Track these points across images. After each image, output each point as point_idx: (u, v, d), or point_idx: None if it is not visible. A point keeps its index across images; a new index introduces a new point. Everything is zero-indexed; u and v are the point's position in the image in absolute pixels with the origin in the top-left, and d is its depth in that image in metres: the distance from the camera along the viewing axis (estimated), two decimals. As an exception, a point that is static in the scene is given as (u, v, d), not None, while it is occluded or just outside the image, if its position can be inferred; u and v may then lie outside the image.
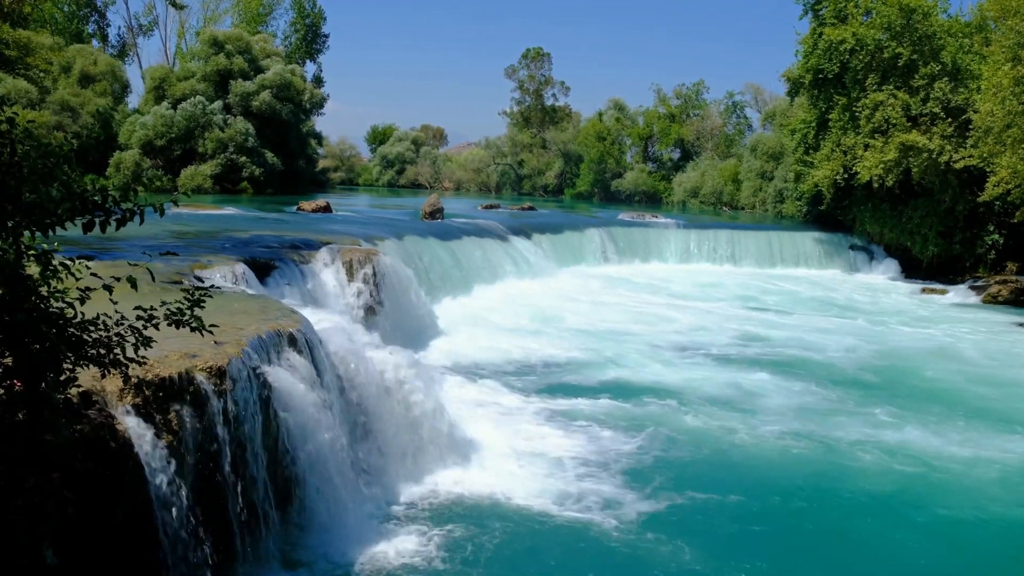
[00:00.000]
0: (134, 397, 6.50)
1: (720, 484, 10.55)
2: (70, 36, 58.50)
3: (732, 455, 11.76)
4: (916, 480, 10.99)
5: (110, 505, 6.06)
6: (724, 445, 12.11)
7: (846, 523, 9.72)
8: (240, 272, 13.54)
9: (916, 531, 9.53)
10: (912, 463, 11.51)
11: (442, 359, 16.09)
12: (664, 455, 11.51)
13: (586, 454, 11.34)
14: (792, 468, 11.33)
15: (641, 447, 11.75)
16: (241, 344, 7.94)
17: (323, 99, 60.27)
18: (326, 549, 8.18)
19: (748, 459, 11.62)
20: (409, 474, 10.06)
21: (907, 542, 9.27)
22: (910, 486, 10.82)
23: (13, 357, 4.66)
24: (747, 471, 11.15)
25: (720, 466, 11.32)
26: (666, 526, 9.22)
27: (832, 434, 12.61)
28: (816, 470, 11.28)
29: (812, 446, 12.14)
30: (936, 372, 17.24)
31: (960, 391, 15.81)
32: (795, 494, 10.46)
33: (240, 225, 22.90)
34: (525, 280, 25.95)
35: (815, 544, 9.29)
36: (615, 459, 11.22)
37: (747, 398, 14.56)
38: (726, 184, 58.24)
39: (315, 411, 8.43)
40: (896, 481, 10.97)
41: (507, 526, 9.08)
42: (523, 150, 76.80)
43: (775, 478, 10.95)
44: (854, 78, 32.91)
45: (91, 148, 45.53)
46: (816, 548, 9.19)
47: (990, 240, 31.85)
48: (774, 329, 21.15)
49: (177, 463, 6.64)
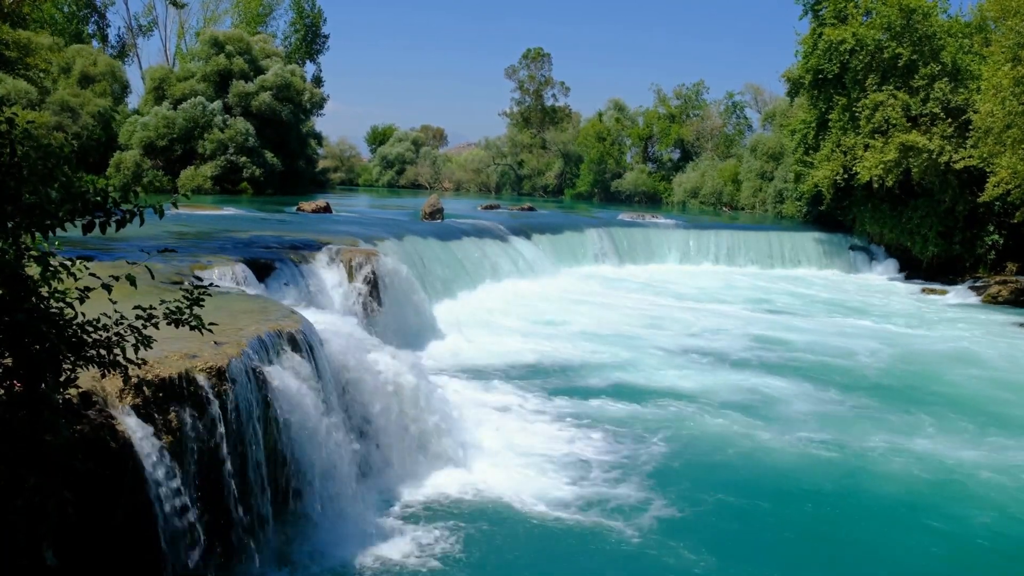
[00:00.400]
0: (134, 397, 6.50)
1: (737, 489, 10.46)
2: (70, 36, 58.46)
3: (752, 459, 11.54)
4: (939, 487, 10.75)
5: (110, 505, 6.06)
6: (742, 450, 11.90)
7: (867, 530, 9.56)
8: (240, 272, 13.54)
9: (939, 538, 9.36)
10: (934, 469, 11.28)
11: (442, 360, 16.07)
12: (673, 458, 11.35)
13: (591, 456, 11.26)
14: (810, 473, 11.13)
15: (649, 450, 11.62)
16: (241, 344, 7.93)
17: (323, 99, 60.28)
18: (326, 549, 8.17)
19: (767, 464, 11.42)
20: (409, 474, 10.05)
21: (930, 549, 9.10)
22: (933, 493, 10.58)
23: (13, 357, 4.66)
24: (767, 476, 10.96)
25: (735, 471, 11.14)
26: (677, 532, 9.10)
27: (851, 440, 12.35)
28: (835, 475, 11.07)
29: (831, 451, 11.89)
30: (953, 376, 17.00)
31: (978, 395, 15.57)
32: (813, 499, 10.32)
33: (240, 225, 22.89)
34: (525, 280, 25.94)
35: (834, 551, 9.12)
36: (622, 462, 11.10)
37: (762, 402, 14.35)
38: (726, 184, 58.25)
39: (315, 411, 8.42)
40: (919, 488, 10.72)
41: (508, 528, 9.06)
42: (523, 150, 76.81)
43: (793, 483, 10.79)
44: (854, 78, 32.91)
45: (91, 149, 45.52)
46: (837, 555, 9.01)
47: (990, 240, 31.85)
48: (785, 331, 21.03)
49: (177, 463, 6.64)
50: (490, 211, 41.39)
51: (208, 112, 48.77)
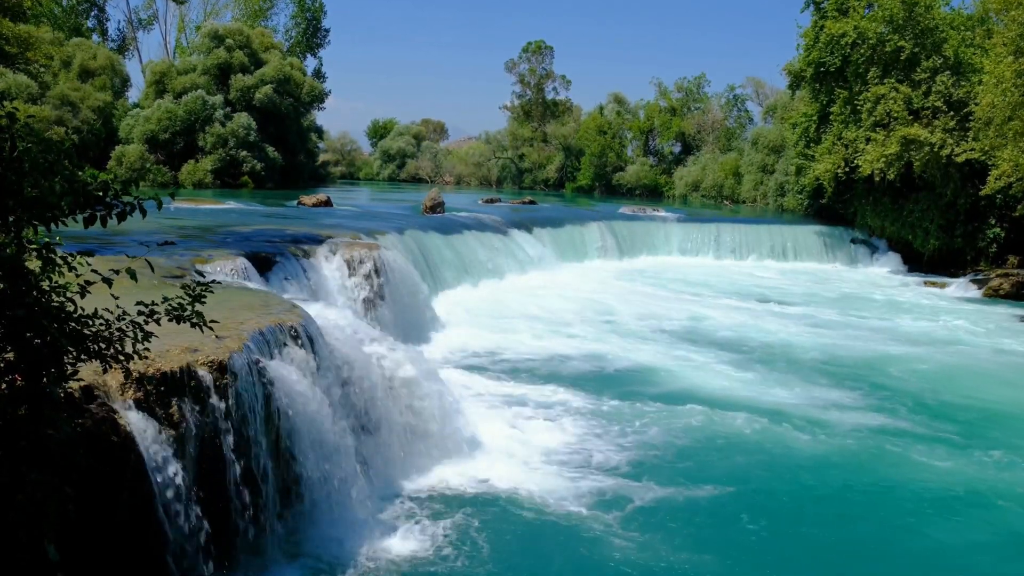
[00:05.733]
0: (135, 392, 6.49)
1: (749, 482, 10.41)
2: (69, 31, 58.35)
3: (769, 455, 11.47)
4: (976, 492, 10.54)
5: (112, 500, 6.06)
6: (756, 445, 11.82)
7: (898, 532, 9.42)
8: (241, 266, 13.53)
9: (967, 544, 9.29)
10: (969, 476, 11.09)
11: (444, 353, 16.07)
12: (685, 456, 11.25)
13: (597, 451, 11.21)
14: (827, 472, 11.00)
15: (656, 446, 11.55)
16: (242, 338, 7.92)
17: (324, 93, 60.17)
18: (329, 543, 8.17)
19: (782, 457, 11.39)
20: (412, 467, 10.05)
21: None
22: (968, 498, 10.39)
23: (14, 352, 4.65)
24: (783, 473, 10.88)
25: (751, 467, 11.03)
26: (679, 532, 9.07)
27: (886, 445, 12.03)
28: (870, 481, 10.82)
29: (865, 454, 11.64)
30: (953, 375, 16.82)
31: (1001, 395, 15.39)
32: (830, 499, 10.25)
33: (241, 219, 22.89)
34: (526, 274, 25.96)
35: (867, 553, 8.96)
36: (629, 457, 11.01)
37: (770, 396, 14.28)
38: (727, 178, 58.15)
39: (317, 405, 8.42)
40: (954, 493, 10.52)
41: (511, 521, 9.05)
42: (524, 144, 76.64)
43: (807, 479, 10.71)
44: (856, 71, 32.83)
45: (91, 143, 45.44)
46: (870, 557, 8.88)
47: (991, 234, 31.79)
48: (787, 328, 21.09)
49: (179, 457, 6.64)
50: (491, 205, 41.35)
51: (209, 106, 48.69)
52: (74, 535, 5.40)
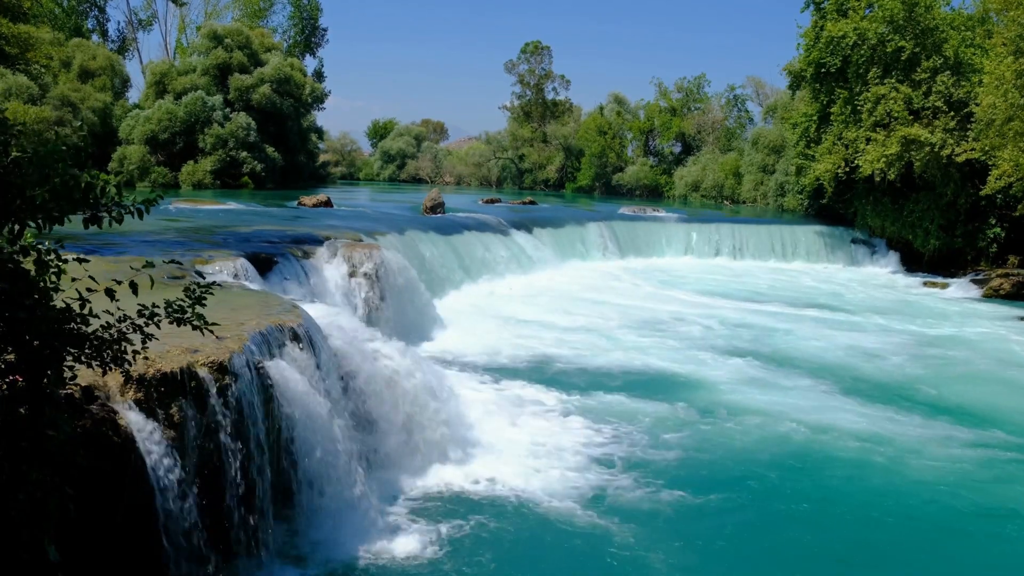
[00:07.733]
0: (136, 392, 6.50)
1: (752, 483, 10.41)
2: (69, 31, 58.33)
3: (776, 455, 11.42)
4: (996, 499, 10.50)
5: (112, 500, 6.06)
6: (760, 444, 11.82)
7: (918, 536, 9.38)
8: (241, 267, 13.53)
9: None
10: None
11: (444, 353, 16.07)
12: (688, 456, 11.25)
13: (599, 451, 11.20)
14: (832, 473, 10.97)
15: (661, 445, 11.55)
16: (243, 339, 7.93)
17: (324, 93, 60.16)
18: (328, 544, 8.17)
19: (791, 458, 11.36)
20: (413, 468, 10.05)
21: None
22: (968, 498, 10.37)
23: (15, 353, 4.65)
24: (791, 475, 10.84)
25: (755, 467, 11.01)
26: (680, 530, 9.07)
27: (903, 448, 11.94)
28: (887, 484, 10.70)
29: (880, 458, 11.53)
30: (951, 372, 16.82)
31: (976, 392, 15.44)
32: (834, 499, 10.19)
33: (241, 220, 22.89)
34: (526, 275, 25.96)
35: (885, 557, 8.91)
36: (632, 458, 11.01)
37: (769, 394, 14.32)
38: (727, 178, 58.14)
39: (317, 406, 8.42)
40: (978, 497, 10.46)
41: (513, 522, 9.04)
42: (524, 144, 76.62)
43: (808, 481, 10.69)
44: (856, 72, 32.82)
45: (88, 144, 45.38)
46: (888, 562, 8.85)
47: (992, 234, 31.79)
48: (786, 326, 21.11)
49: (179, 458, 6.64)
50: (491, 205, 41.36)
51: (208, 107, 48.67)
52: (74, 535, 5.41)
